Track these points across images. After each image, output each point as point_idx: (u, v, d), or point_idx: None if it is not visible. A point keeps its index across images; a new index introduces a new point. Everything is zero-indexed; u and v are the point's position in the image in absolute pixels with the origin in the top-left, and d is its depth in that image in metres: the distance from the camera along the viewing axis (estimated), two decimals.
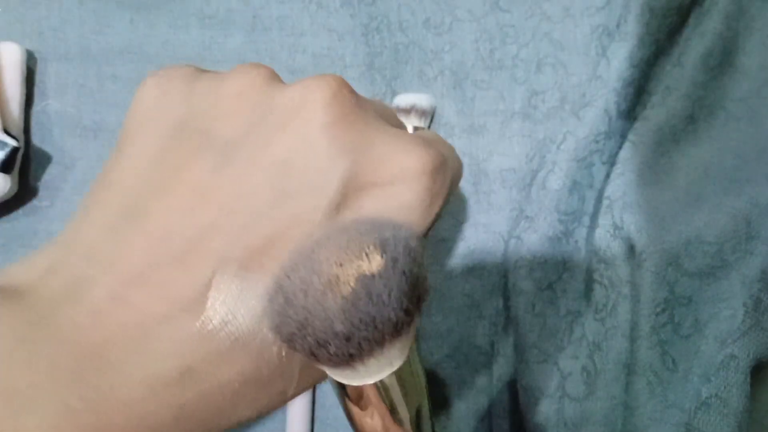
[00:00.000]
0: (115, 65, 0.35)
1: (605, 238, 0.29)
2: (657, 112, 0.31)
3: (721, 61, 0.32)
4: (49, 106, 0.34)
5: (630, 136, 0.31)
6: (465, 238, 0.33)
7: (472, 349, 0.32)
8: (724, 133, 0.31)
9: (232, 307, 0.14)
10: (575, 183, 0.31)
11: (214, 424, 0.14)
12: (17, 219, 0.33)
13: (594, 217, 0.31)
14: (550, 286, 0.30)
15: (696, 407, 0.25)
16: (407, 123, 0.33)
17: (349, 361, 0.13)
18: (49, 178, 0.33)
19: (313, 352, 0.13)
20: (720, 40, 0.32)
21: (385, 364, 0.14)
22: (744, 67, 0.32)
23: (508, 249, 0.32)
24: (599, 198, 0.31)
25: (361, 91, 0.16)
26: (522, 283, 0.30)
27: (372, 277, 0.12)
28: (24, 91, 0.33)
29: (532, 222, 0.31)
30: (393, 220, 0.14)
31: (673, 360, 0.26)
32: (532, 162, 0.33)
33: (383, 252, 0.13)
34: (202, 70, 0.17)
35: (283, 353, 0.14)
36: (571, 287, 0.30)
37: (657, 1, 0.31)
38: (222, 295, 0.14)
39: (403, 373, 0.15)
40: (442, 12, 0.35)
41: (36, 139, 0.34)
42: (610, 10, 0.34)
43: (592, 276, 0.29)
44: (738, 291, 0.26)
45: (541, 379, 0.29)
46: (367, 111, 0.16)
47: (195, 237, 0.14)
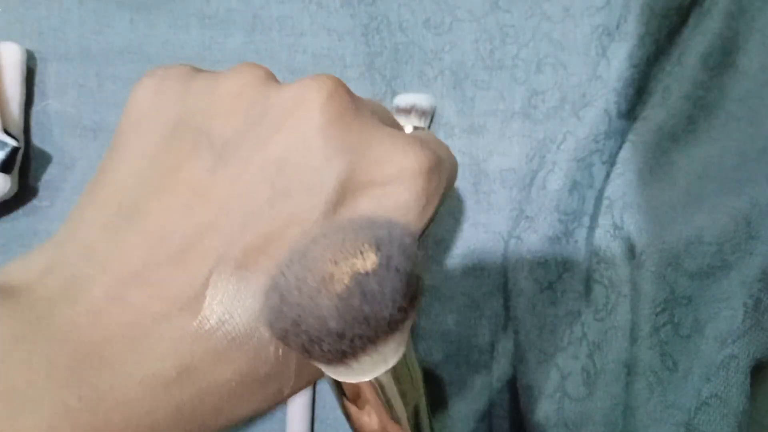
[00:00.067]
0: (115, 65, 0.35)
1: (605, 238, 0.29)
2: (657, 112, 0.31)
3: (721, 61, 0.32)
4: (49, 106, 0.34)
5: (630, 136, 0.31)
6: (465, 238, 0.33)
7: (472, 349, 0.32)
8: (724, 133, 0.31)
9: (229, 306, 0.14)
10: (575, 183, 0.31)
11: (212, 423, 0.14)
12: (17, 219, 0.33)
13: (594, 217, 0.31)
14: (550, 286, 0.30)
15: (696, 407, 0.25)
16: (407, 123, 0.33)
17: (343, 358, 0.13)
18: (49, 178, 0.33)
19: (306, 349, 0.13)
20: (720, 40, 0.32)
21: (380, 362, 0.14)
22: (744, 67, 0.32)
23: (508, 249, 0.32)
24: (599, 198, 0.31)
25: (361, 91, 0.16)
26: (522, 283, 0.30)
27: (366, 275, 0.12)
28: (24, 91, 0.33)
29: (532, 222, 0.31)
30: (388, 219, 0.14)
31: (673, 360, 0.26)
32: (532, 162, 0.33)
33: (378, 250, 0.13)
34: (198, 70, 0.17)
35: (280, 352, 0.14)
36: (571, 287, 0.30)
37: (657, 1, 0.31)
38: (219, 294, 0.14)
39: (399, 372, 0.15)
40: (442, 12, 0.35)
41: (36, 139, 0.34)
42: (610, 10, 0.34)
43: (592, 276, 0.29)
44: (738, 291, 0.26)
45: (541, 379, 0.28)
46: (364, 111, 0.16)
47: (193, 236, 0.14)
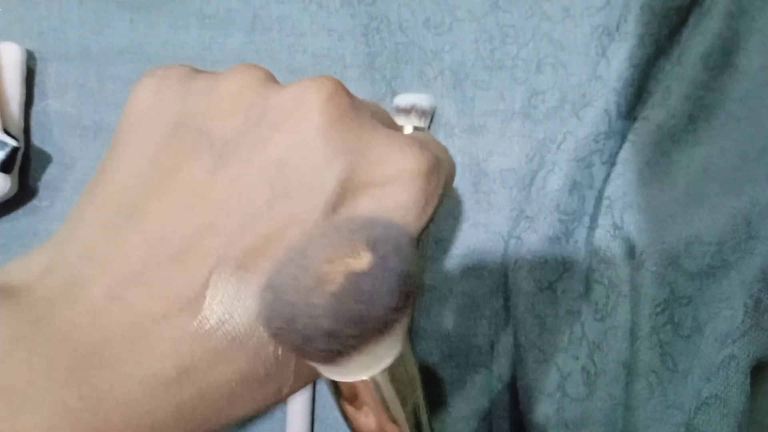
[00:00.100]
0: (115, 65, 0.35)
1: (605, 238, 0.29)
2: (657, 112, 0.31)
3: (721, 61, 0.32)
4: (49, 106, 0.34)
5: (630, 136, 0.31)
6: (465, 238, 0.33)
7: (471, 348, 0.32)
8: (724, 133, 0.31)
9: (228, 306, 0.14)
10: (575, 183, 0.31)
11: (212, 423, 0.14)
12: (17, 219, 0.33)
13: (594, 217, 0.31)
14: (550, 286, 0.30)
15: (696, 407, 0.25)
16: (407, 123, 0.33)
17: (337, 357, 0.13)
18: (49, 178, 0.33)
19: (300, 348, 0.13)
20: (720, 40, 0.32)
21: (374, 362, 0.14)
22: (744, 67, 0.32)
23: (508, 249, 0.32)
24: (599, 198, 0.31)
25: (361, 91, 0.16)
26: (522, 283, 0.30)
27: (360, 274, 0.12)
28: (24, 91, 0.33)
29: (532, 222, 0.31)
30: (385, 219, 0.14)
31: (673, 360, 0.26)
32: (532, 162, 0.33)
33: (373, 250, 0.13)
34: (198, 70, 0.17)
35: (279, 352, 0.14)
36: (571, 287, 0.30)
37: (657, 1, 0.31)
38: (219, 295, 0.14)
39: (395, 371, 0.15)
40: (442, 12, 0.35)
41: (36, 139, 0.34)
42: (610, 10, 0.34)
43: (592, 276, 0.29)
44: (738, 291, 0.26)
45: (541, 379, 0.29)
46: (363, 112, 0.16)
47: (193, 236, 0.14)
